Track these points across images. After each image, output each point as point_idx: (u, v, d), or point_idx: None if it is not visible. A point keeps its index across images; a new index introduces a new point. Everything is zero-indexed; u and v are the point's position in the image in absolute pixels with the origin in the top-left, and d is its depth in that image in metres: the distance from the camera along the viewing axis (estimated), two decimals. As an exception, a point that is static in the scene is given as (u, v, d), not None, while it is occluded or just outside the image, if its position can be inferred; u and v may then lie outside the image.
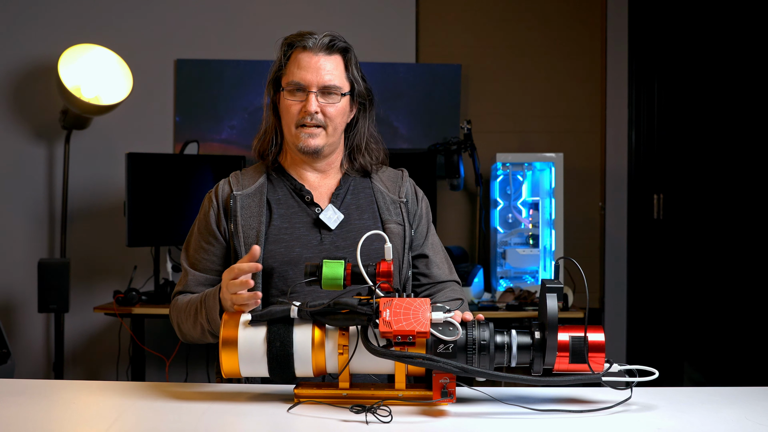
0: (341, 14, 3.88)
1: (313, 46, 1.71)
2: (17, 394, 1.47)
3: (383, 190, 1.81)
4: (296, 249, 1.70)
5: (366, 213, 1.77)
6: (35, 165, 3.80)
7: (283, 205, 1.75)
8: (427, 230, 1.86)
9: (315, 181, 1.79)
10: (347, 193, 1.79)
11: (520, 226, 3.58)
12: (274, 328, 1.36)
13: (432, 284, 1.84)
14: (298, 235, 1.72)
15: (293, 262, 1.69)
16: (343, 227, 1.74)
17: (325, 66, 1.71)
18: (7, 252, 3.78)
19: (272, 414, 1.32)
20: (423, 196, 1.88)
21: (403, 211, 1.79)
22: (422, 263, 1.84)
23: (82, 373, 3.83)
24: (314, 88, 1.70)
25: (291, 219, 1.73)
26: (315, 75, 1.70)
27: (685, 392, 1.51)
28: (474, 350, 1.33)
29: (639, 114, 3.92)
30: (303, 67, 1.70)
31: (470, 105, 3.94)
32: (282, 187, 1.78)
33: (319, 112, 1.71)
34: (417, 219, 1.84)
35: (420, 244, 1.84)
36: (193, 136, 3.83)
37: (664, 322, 3.79)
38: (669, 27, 3.83)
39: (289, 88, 1.72)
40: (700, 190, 3.63)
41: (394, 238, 1.74)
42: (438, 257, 1.85)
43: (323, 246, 1.71)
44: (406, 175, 1.88)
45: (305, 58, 1.71)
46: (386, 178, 1.85)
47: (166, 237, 3.44)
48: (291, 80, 1.71)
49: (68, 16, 3.81)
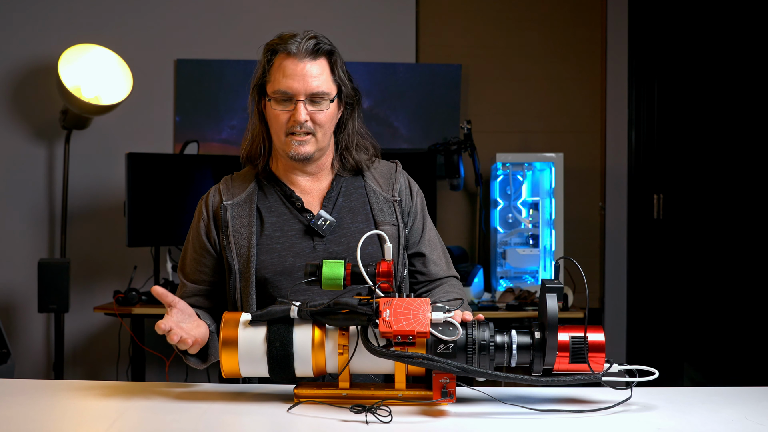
0: (341, 14, 3.88)
1: (297, 51, 1.64)
2: (17, 394, 1.47)
3: (376, 189, 1.77)
4: (289, 258, 1.67)
5: (359, 215, 1.74)
6: (35, 165, 3.81)
7: (274, 213, 1.72)
8: (423, 227, 1.82)
9: (306, 185, 1.75)
10: (339, 196, 1.75)
11: (520, 226, 3.59)
12: (274, 328, 1.36)
13: (430, 281, 1.81)
14: (290, 244, 1.69)
15: (286, 272, 1.66)
16: (336, 232, 1.71)
17: (312, 72, 1.65)
18: (7, 252, 3.78)
19: (272, 414, 1.32)
20: (418, 190, 1.83)
21: (396, 210, 1.75)
22: (419, 261, 1.80)
23: (82, 373, 3.83)
24: (302, 97, 1.65)
25: (283, 227, 1.70)
26: (302, 83, 1.64)
27: (685, 392, 1.51)
28: (474, 350, 1.33)
29: (639, 114, 3.92)
30: (289, 75, 1.64)
31: (470, 105, 3.94)
32: (272, 194, 1.74)
33: (309, 120, 1.66)
34: (412, 216, 1.79)
35: (416, 242, 1.80)
36: (193, 136, 3.83)
37: (664, 322, 3.79)
38: (669, 27, 3.83)
39: (276, 97, 1.66)
40: (700, 190, 3.63)
41: (388, 239, 1.73)
42: (435, 254, 1.81)
43: (316, 253, 1.68)
44: (400, 169, 1.83)
45: (290, 65, 1.65)
46: (379, 174, 1.81)
47: (166, 237, 3.44)
48: (277, 89, 1.65)
49: (68, 16, 3.81)
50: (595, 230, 4.00)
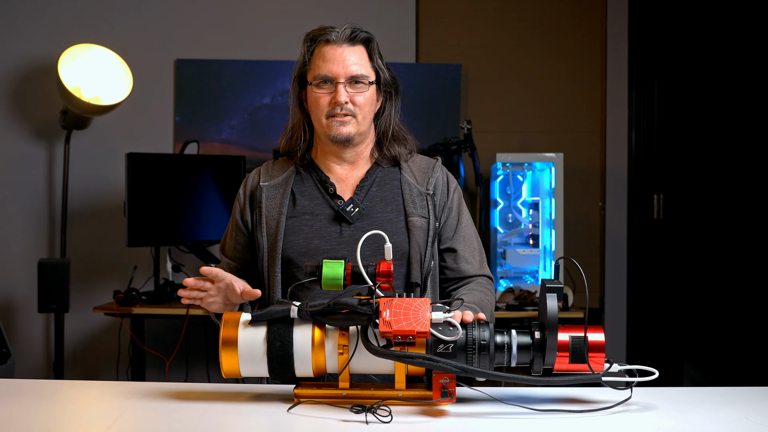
0: (341, 14, 3.87)
1: (336, 38, 1.74)
2: (17, 394, 1.47)
3: (411, 181, 1.79)
4: (315, 241, 1.70)
5: (390, 206, 1.75)
6: (35, 165, 3.81)
7: (307, 197, 1.76)
8: (458, 222, 1.81)
9: (343, 173, 1.79)
10: (372, 185, 1.78)
11: (520, 226, 3.59)
12: (274, 328, 1.36)
13: (459, 278, 1.79)
14: (318, 227, 1.72)
15: (310, 254, 1.69)
16: (365, 220, 1.73)
17: (350, 57, 1.74)
18: (7, 252, 3.78)
19: (272, 414, 1.32)
20: (456, 186, 1.84)
21: (429, 203, 1.76)
22: (450, 257, 1.79)
23: (82, 373, 3.83)
24: (342, 79, 1.72)
25: (313, 210, 1.74)
26: (341, 66, 1.72)
27: (685, 392, 1.51)
28: (474, 350, 1.33)
29: (639, 114, 3.92)
30: (329, 59, 1.73)
31: (470, 105, 3.94)
32: (309, 179, 1.79)
33: (349, 102, 1.72)
34: (446, 211, 1.79)
35: (450, 237, 1.79)
36: (193, 136, 3.83)
37: (664, 322, 3.79)
38: (669, 27, 3.83)
39: (317, 82, 1.73)
40: (700, 190, 3.63)
41: (416, 231, 1.71)
42: (468, 251, 1.80)
43: (342, 239, 1.70)
44: (439, 165, 1.85)
45: (329, 51, 1.73)
46: (416, 168, 1.83)
47: (166, 237, 3.44)
48: (318, 74, 1.73)
49: (68, 16, 3.81)
50: (595, 230, 4.00)
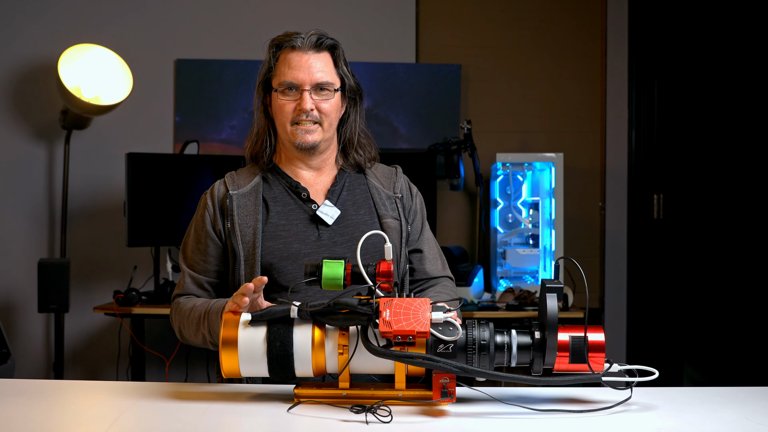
0: (341, 14, 3.88)
1: (301, 45, 1.73)
2: (17, 394, 1.47)
3: (378, 186, 1.83)
4: (294, 245, 1.71)
5: (362, 208, 1.79)
6: (35, 165, 3.80)
7: (280, 203, 1.76)
8: (422, 225, 1.88)
9: (310, 179, 1.81)
10: (343, 189, 1.81)
11: (520, 226, 3.58)
12: (274, 328, 1.36)
13: (424, 280, 1.87)
14: (295, 231, 1.73)
15: (292, 258, 1.70)
16: (340, 222, 1.76)
17: (316, 64, 1.73)
18: (7, 252, 3.78)
19: (272, 414, 1.32)
20: (417, 191, 1.90)
21: (398, 206, 1.81)
22: (416, 258, 1.86)
23: (82, 373, 3.83)
24: (308, 86, 1.72)
25: (288, 216, 1.75)
26: (307, 73, 1.72)
27: (685, 392, 1.51)
28: (474, 350, 1.33)
29: (639, 114, 3.92)
30: (294, 66, 1.73)
31: (470, 105, 3.94)
32: (278, 186, 1.79)
33: (315, 109, 1.73)
34: (412, 214, 1.86)
35: (415, 239, 1.86)
36: (193, 136, 3.83)
37: (664, 322, 3.79)
38: (669, 27, 3.83)
39: (282, 88, 1.74)
40: (700, 190, 3.63)
41: (391, 233, 1.76)
42: (431, 253, 1.88)
43: (321, 241, 1.72)
44: (400, 172, 1.90)
45: (295, 57, 1.73)
46: (380, 174, 1.87)
47: (166, 237, 3.44)
48: (283, 80, 1.73)
49: (68, 16, 3.81)
50: (595, 230, 4.00)
